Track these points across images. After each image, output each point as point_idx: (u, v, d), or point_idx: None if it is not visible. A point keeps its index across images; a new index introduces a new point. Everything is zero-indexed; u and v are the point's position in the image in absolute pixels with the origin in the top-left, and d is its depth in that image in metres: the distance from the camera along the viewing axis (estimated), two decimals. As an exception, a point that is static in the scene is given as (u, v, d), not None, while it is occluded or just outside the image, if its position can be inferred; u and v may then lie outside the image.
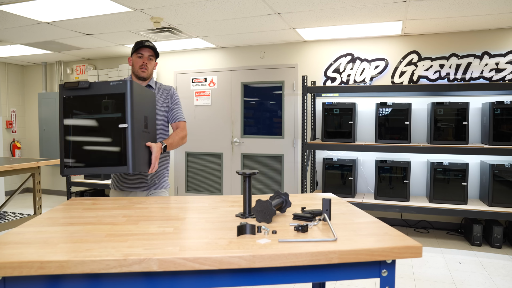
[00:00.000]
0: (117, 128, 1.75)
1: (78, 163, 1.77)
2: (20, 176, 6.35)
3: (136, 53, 2.26)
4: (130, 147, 1.76)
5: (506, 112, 3.79)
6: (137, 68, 2.25)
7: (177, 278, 1.02)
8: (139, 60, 2.26)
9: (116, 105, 1.76)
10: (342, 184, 4.31)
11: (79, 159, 1.78)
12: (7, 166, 3.32)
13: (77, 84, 1.74)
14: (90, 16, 3.75)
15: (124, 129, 1.75)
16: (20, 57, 6.01)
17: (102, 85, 1.76)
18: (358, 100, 4.64)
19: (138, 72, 2.26)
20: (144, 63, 2.25)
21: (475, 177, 4.24)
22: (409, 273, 3.17)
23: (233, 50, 5.31)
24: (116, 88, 1.75)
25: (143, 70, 2.26)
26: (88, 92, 1.76)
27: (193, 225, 1.28)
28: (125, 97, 1.76)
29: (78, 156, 1.77)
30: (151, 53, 2.28)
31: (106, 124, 1.77)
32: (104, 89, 1.75)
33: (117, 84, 1.75)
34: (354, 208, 1.54)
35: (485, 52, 4.21)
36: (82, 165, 1.76)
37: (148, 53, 2.26)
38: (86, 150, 1.77)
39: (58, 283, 0.99)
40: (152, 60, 2.29)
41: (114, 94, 1.75)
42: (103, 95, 1.76)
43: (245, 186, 1.38)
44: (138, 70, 2.25)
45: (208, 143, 5.48)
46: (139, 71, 2.26)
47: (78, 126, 1.78)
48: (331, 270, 1.06)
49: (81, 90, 1.76)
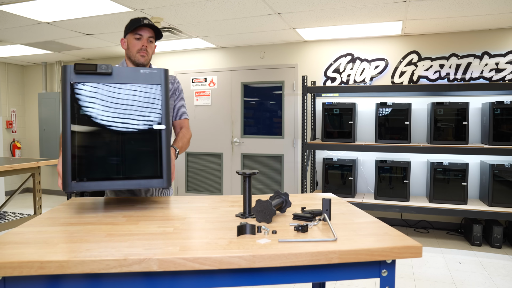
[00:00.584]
0: (148, 129, 1.41)
1: (91, 175, 1.35)
2: (20, 176, 6.35)
3: (133, 34, 1.86)
4: (166, 154, 1.41)
5: (506, 112, 3.79)
6: (135, 52, 1.86)
7: (177, 278, 1.02)
8: (136, 42, 1.86)
9: (144, 98, 1.40)
10: (342, 184, 4.31)
11: (91, 170, 1.35)
12: (7, 166, 3.32)
13: (95, 67, 1.34)
14: (90, 16, 3.75)
15: (159, 131, 1.41)
16: (20, 57, 6.01)
17: (129, 72, 1.39)
18: (358, 100, 4.64)
19: (136, 58, 1.87)
20: (144, 46, 1.86)
21: (475, 177, 4.24)
22: (409, 273, 3.17)
23: (233, 50, 5.31)
24: (147, 78, 1.41)
25: (142, 55, 1.87)
26: (108, 79, 1.36)
27: (193, 225, 1.28)
28: (161, 91, 1.43)
29: (90, 165, 1.35)
30: (152, 34, 1.88)
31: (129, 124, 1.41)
32: (132, 77, 1.38)
33: (149, 73, 1.40)
34: (354, 208, 1.54)
35: (485, 52, 4.21)
36: (97, 178, 1.34)
37: (148, 34, 1.86)
38: (103, 158, 1.35)
39: (58, 283, 0.99)
40: (152, 43, 1.91)
41: (143, 86, 1.41)
42: (127, 85, 1.39)
43: (245, 186, 1.38)
44: (136, 54, 1.86)
45: (208, 143, 5.48)
46: (138, 56, 1.87)
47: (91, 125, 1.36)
48: (331, 270, 1.06)
49: (98, 76, 1.35)
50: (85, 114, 1.33)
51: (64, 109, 1.32)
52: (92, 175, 1.35)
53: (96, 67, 1.33)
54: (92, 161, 1.35)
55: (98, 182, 1.35)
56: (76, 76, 1.32)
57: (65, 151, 1.32)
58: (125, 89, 1.38)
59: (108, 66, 1.34)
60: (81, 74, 1.32)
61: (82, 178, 1.33)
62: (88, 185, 1.33)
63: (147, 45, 1.87)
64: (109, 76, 1.36)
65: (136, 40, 1.86)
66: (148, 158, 1.39)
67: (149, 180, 1.39)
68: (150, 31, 1.87)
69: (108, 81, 1.36)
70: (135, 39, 1.86)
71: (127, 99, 1.38)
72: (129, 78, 1.38)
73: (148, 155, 1.40)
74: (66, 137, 1.32)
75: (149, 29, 1.86)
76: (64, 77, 1.33)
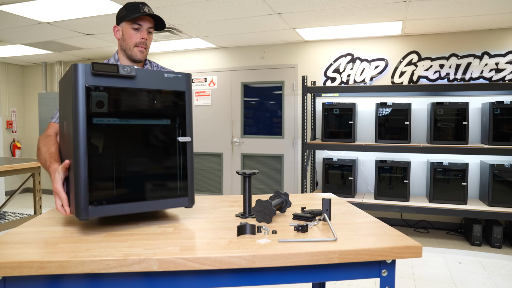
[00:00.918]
0: (172, 142, 1.25)
1: (110, 198, 1.14)
2: (20, 176, 6.35)
3: (131, 23, 1.59)
4: (191, 170, 1.29)
5: (506, 112, 3.79)
6: (132, 46, 1.61)
7: (177, 278, 1.02)
8: (134, 33, 1.60)
9: (168, 107, 1.24)
10: (342, 184, 4.31)
11: (111, 191, 1.15)
12: (7, 166, 3.32)
13: (116, 68, 1.13)
14: (90, 16, 3.75)
15: (184, 144, 1.28)
16: (20, 57, 6.01)
17: (153, 75, 1.21)
18: (358, 100, 4.64)
19: (134, 52, 1.62)
20: (143, 39, 1.61)
21: (475, 177, 4.24)
22: (409, 273, 3.17)
23: (233, 50, 5.31)
24: (171, 82, 1.24)
25: (141, 50, 1.62)
26: (130, 83, 1.16)
27: (193, 225, 1.28)
28: (185, 98, 1.27)
29: (109, 185, 1.14)
30: (151, 24, 1.62)
31: (152, 136, 1.22)
32: (156, 82, 1.21)
33: (174, 77, 1.24)
34: (354, 208, 1.54)
35: (485, 52, 4.21)
36: (117, 200, 1.15)
37: (148, 24, 1.61)
38: (122, 176, 1.16)
39: (58, 283, 0.99)
40: (151, 34, 1.66)
41: (167, 92, 1.23)
42: (151, 91, 1.20)
43: (245, 186, 1.38)
44: (134, 49, 1.61)
45: (208, 143, 5.48)
46: (135, 50, 1.61)
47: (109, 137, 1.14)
48: (331, 270, 1.06)
49: (119, 79, 1.15)
50: (101, 124, 1.12)
51: (75, 117, 1.08)
52: (112, 197, 1.14)
53: (117, 68, 1.13)
54: (111, 180, 1.14)
55: (119, 205, 1.15)
56: (94, 78, 1.10)
57: (77, 170, 1.08)
58: (149, 95, 1.20)
59: (132, 68, 1.15)
60: (100, 76, 1.11)
61: (101, 202, 1.12)
62: (108, 210, 1.13)
63: (147, 38, 1.61)
64: (132, 80, 1.16)
65: (133, 30, 1.60)
66: (172, 175, 1.25)
67: (174, 200, 1.26)
68: (150, 20, 1.61)
69: (130, 85, 1.16)
70: (132, 29, 1.60)
71: (150, 106, 1.20)
72: (153, 82, 1.20)
73: (172, 171, 1.25)
74: (78, 153, 1.08)
75: (149, 18, 1.60)
76: (76, 78, 1.08)
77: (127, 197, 1.17)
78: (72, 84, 1.09)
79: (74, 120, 1.08)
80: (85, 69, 1.09)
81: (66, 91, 1.17)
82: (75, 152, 1.09)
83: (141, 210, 1.19)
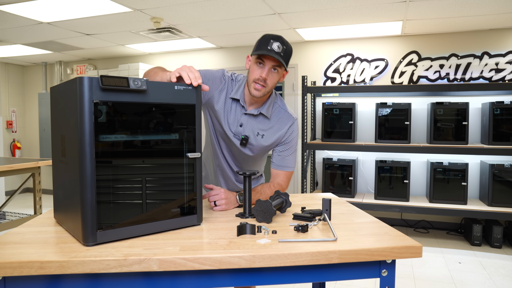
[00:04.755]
0: (181, 158, 1.20)
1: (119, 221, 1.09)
2: (20, 176, 6.35)
3: (256, 58, 1.53)
4: (199, 187, 1.26)
5: (506, 112, 3.79)
6: (251, 81, 1.54)
7: (177, 278, 1.02)
8: (256, 69, 1.53)
9: (175, 121, 1.19)
10: (342, 184, 4.31)
11: (118, 214, 1.09)
12: (7, 166, 3.32)
13: (127, 82, 1.06)
14: (90, 16, 3.75)
15: (193, 160, 1.23)
16: (20, 57, 6.01)
17: (163, 88, 1.15)
18: (358, 100, 4.64)
19: (250, 88, 1.55)
20: (261, 77, 1.51)
21: (475, 177, 4.24)
22: (409, 273, 3.17)
23: (233, 50, 5.31)
24: (182, 95, 1.19)
25: (257, 89, 1.53)
26: (140, 97, 1.10)
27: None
28: (195, 112, 1.22)
29: (118, 208, 1.09)
30: (277, 63, 1.50)
31: (161, 152, 1.17)
32: (166, 95, 1.15)
33: (184, 90, 1.19)
34: (354, 208, 1.54)
35: (485, 52, 4.21)
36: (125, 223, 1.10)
37: (272, 63, 1.51)
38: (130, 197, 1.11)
39: (58, 283, 0.99)
40: (276, 72, 1.53)
41: (176, 105, 1.18)
42: (161, 106, 1.15)
43: (245, 186, 1.38)
44: (252, 84, 1.54)
45: (208, 143, 5.47)
46: (252, 86, 1.54)
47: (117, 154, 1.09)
48: (331, 270, 1.06)
49: (129, 93, 1.08)
50: (107, 142, 1.05)
51: (81, 135, 1.01)
52: (120, 221, 1.09)
53: (128, 82, 1.06)
54: (119, 203, 1.09)
55: (127, 228, 1.10)
56: (102, 93, 1.02)
57: (84, 193, 1.02)
58: (159, 110, 1.14)
59: (142, 81, 1.08)
60: (108, 91, 1.03)
61: (109, 226, 1.06)
62: (117, 234, 1.08)
63: (266, 77, 1.51)
64: (142, 94, 1.10)
65: (257, 65, 1.54)
66: (180, 193, 1.21)
67: (182, 218, 1.21)
68: (276, 60, 1.50)
69: (140, 100, 1.10)
70: (256, 64, 1.54)
71: (160, 121, 1.15)
72: (163, 96, 1.14)
73: (180, 188, 1.21)
74: (85, 174, 1.02)
75: (274, 59, 1.50)
76: (81, 93, 1.00)
77: (136, 219, 1.12)
78: (77, 99, 1.02)
79: (80, 139, 1.01)
80: (94, 84, 1.02)
81: (67, 104, 1.10)
82: (81, 174, 1.02)
83: (150, 232, 1.15)
